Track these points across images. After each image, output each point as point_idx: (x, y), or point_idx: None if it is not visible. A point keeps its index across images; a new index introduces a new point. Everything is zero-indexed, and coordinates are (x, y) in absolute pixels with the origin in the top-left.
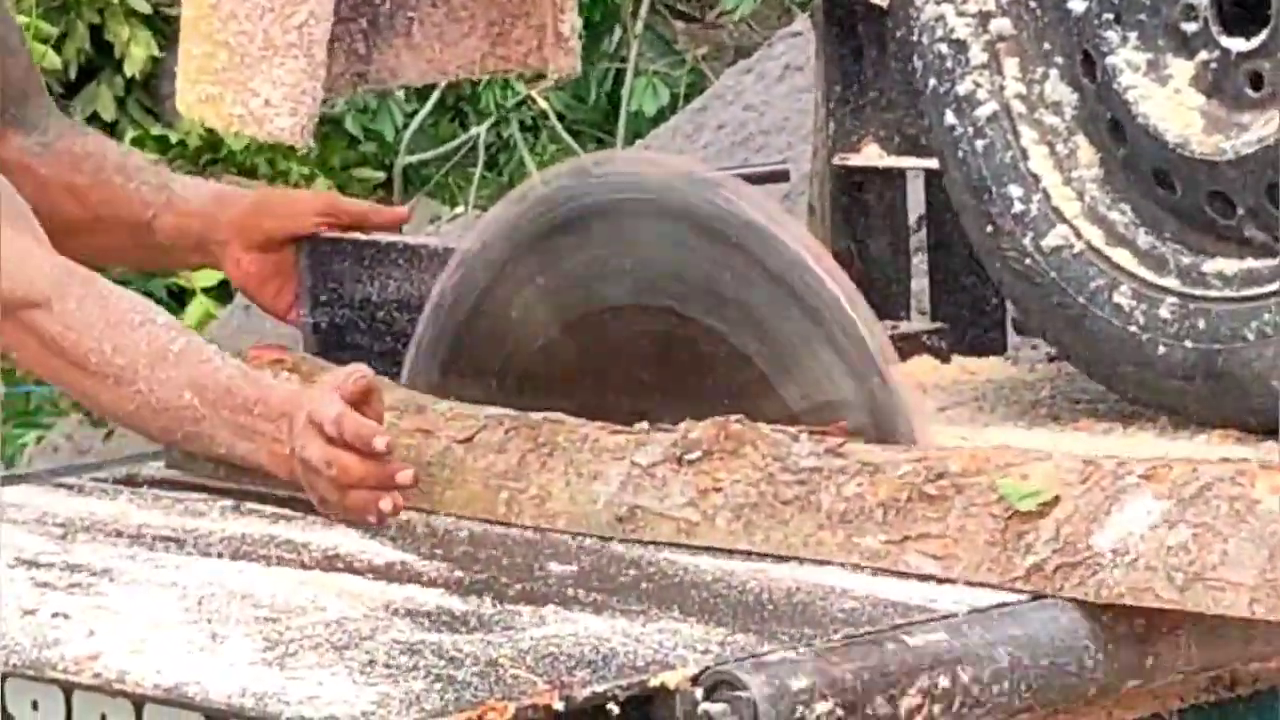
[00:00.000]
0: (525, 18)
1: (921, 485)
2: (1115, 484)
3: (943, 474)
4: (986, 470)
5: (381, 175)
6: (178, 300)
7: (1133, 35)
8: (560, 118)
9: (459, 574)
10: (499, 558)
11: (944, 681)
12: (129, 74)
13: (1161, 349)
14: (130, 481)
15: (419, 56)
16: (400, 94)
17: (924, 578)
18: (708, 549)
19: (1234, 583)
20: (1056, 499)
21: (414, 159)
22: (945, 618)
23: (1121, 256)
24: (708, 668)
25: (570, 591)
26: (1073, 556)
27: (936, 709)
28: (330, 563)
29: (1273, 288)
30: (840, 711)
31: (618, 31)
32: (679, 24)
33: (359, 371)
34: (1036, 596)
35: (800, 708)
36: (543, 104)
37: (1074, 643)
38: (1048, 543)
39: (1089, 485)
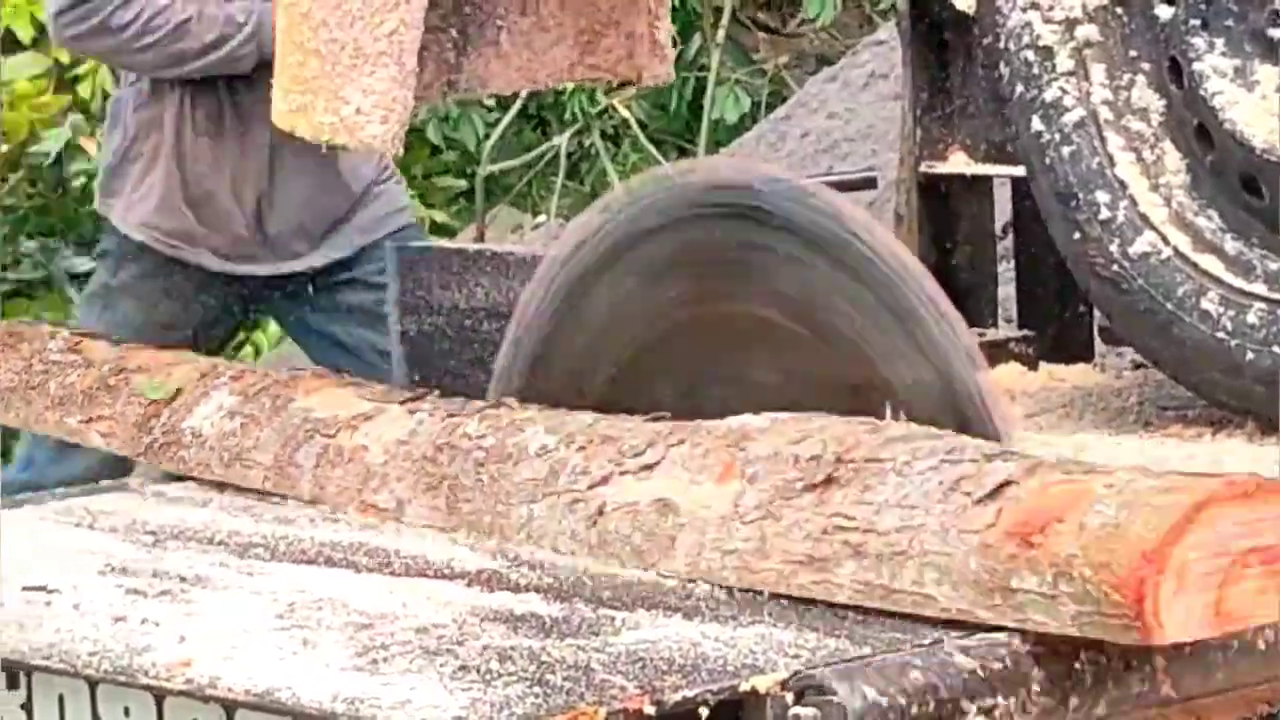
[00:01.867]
0: (616, 26)
1: None
2: None
3: None
4: None
5: (463, 184)
6: None
7: (1220, 41)
8: (642, 126)
9: (549, 580)
10: (588, 561)
11: (1034, 688)
12: None
13: (1249, 355)
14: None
15: (508, 65)
16: (482, 103)
17: None
18: None
19: None
20: None
21: (496, 168)
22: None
23: (1209, 262)
24: (798, 672)
25: (662, 596)
26: None
27: (1025, 715)
28: (420, 569)
29: None
30: (931, 716)
31: (698, 40)
32: (760, 33)
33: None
34: None
35: (890, 713)
36: (625, 113)
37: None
38: None
39: None
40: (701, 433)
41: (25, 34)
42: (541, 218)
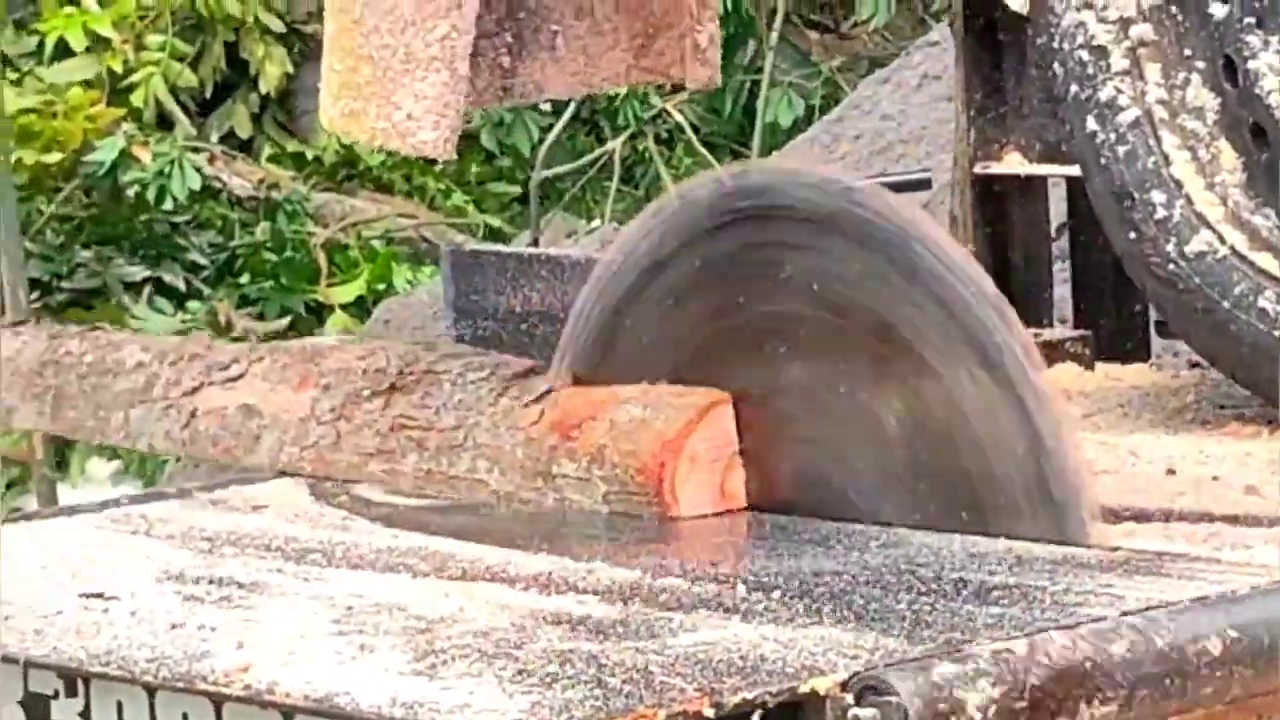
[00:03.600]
0: (669, 29)
1: None
2: None
3: None
4: None
5: (517, 189)
6: (316, 316)
7: (1274, 39)
8: (695, 130)
9: (607, 582)
10: (647, 563)
11: (1101, 690)
12: (264, 91)
13: None
14: None
15: (563, 70)
16: (536, 108)
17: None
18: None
19: None
20: None
21: (550, 173)
22: (1096, 620)
23: (1265, 261)
24: (858, 673)
25: (721, 597)
26: None
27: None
28: (478, 573)
29: None
30: (994, 717)
31: (752, 44)
32: (813, 35)
33: None
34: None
35: (951, 714)
36: (678, 117)
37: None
38: None
39: None
40: (279, 351)
41: (78, 44)
42: (595, 222)
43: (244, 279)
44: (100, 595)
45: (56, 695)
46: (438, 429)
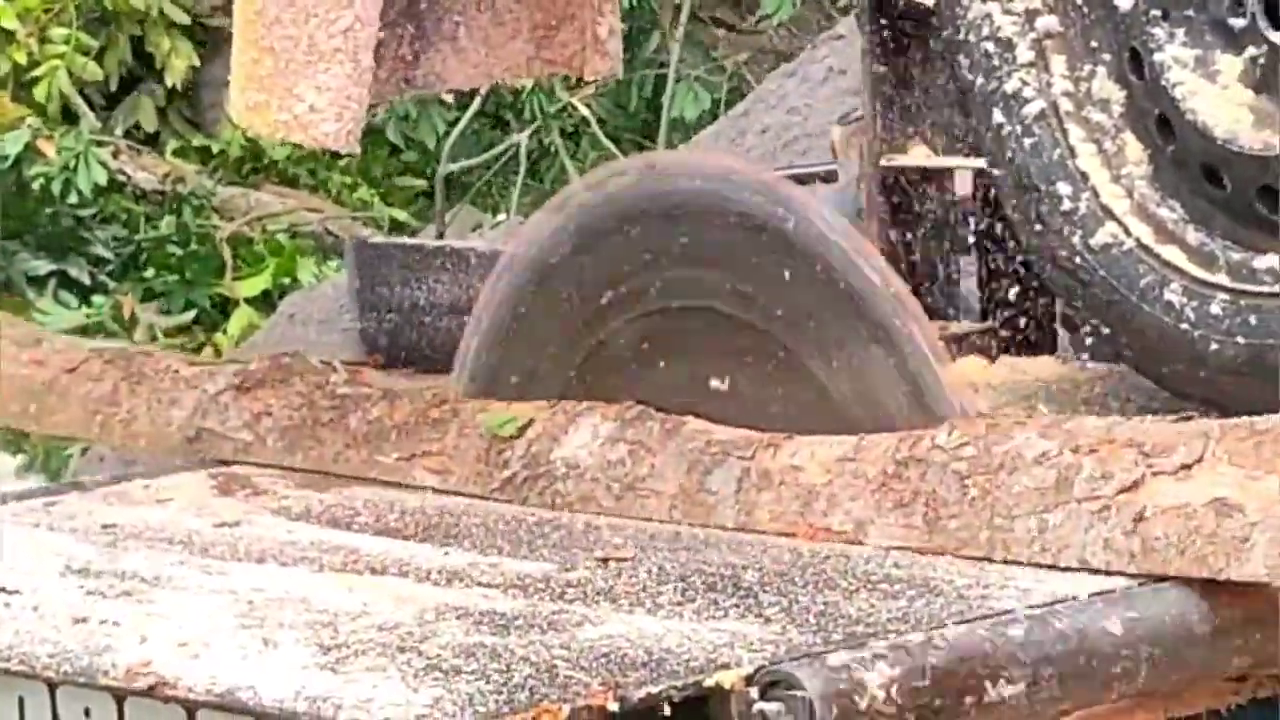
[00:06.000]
0: (570, 20)
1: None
2: None
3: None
4: None
5: (423, 183)
6: (221, 310)
7: (1180, 31)
8: (601, 124)
9: (512, 575)
10: (551, 557)
11: (1002, 678)
12: (169, 84)
13: (1213, 345)
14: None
15: (465, 61)
16: (441, 101)
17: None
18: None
19: None
20: None
21: (455, 167)
22: (1001, 614)
23: (1171, 253)
24: (763, 667)
25: (626, 590)
26: None
27: (996, 708)
28: (382, 566)
29: None
30: (897, 710)
31: (657, 37)
32: (719, 30)
33: None
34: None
35: (856, 705)
36: (584, 110)
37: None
38: None
39: None
40: (1241, 429)
41: None
42: (501, 216)
43: (149, 273)
44: (2, 589)
45: None
46: None
